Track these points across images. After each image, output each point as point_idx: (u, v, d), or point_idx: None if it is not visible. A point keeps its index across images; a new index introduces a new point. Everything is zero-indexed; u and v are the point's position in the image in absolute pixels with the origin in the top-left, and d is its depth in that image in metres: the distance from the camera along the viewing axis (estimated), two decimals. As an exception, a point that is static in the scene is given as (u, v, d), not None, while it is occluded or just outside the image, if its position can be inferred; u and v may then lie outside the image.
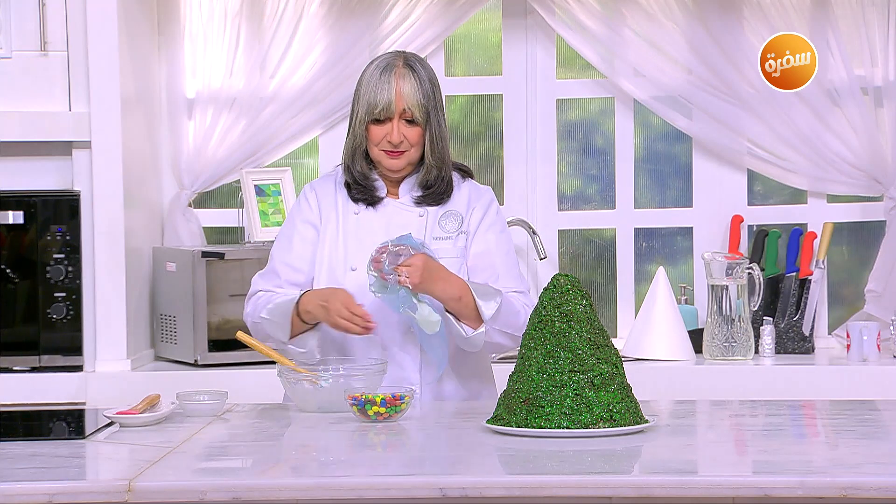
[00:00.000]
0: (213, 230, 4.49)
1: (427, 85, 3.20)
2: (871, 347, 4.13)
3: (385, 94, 3.17)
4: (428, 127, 3.19)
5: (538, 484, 2.43)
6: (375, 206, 3.25)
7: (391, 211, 3.25)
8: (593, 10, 4.37)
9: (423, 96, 3.18)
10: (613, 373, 2.80)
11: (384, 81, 3.17)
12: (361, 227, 3.23)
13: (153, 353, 4.30)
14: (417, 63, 3.22)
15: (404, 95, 3.17)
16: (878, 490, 2.36)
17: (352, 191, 3.26)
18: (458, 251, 3.24)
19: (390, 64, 3.19)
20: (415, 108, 3.17)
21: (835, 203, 4.45)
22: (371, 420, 2.95)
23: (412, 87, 3.17)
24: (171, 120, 4.41)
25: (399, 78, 3.17)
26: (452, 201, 3.26)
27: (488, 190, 3.32)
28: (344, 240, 3.24)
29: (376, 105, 3.17)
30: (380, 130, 3.19)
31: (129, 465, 2.62)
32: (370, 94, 3.18)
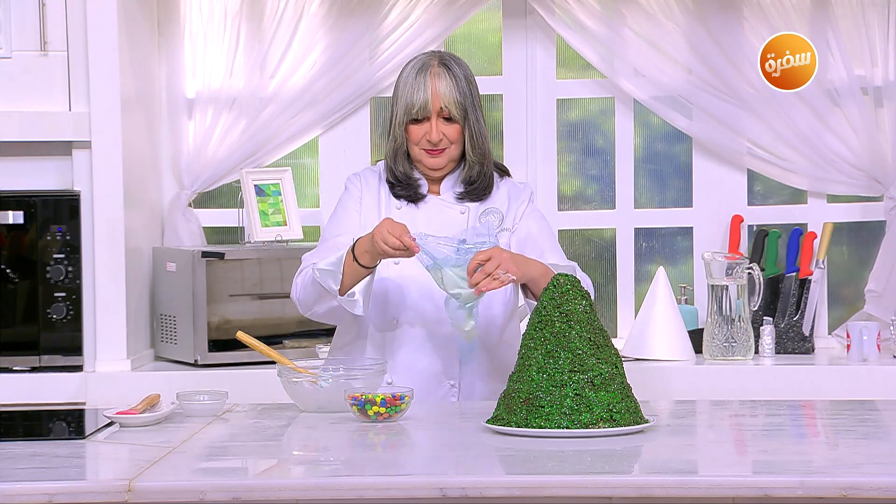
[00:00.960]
0: (213, 230, 4.49)
1: (463, 82, 3.26)
2: (871, 347, 4.14)
3: (421, 93, 3.23)
4: (466, 124, 3.26)
5: (538, 484, 2.43)
6: (417, 203, 3.30)
7: (432, 207, 3.30)
8: (593, 10, 4.37)
9: (460, 94, 3.24)
10: (613, 373, 2.80)
11: (420, 81, 3.23)
12: (404, 221, 3.22)
13: (153, 353, 4.30)
14: (452, 61, 3.28)
15: (440, 94, 3.23)
16: (878, 490, 2.36)
17: (395, 188, 3.31)
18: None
19: (426, 64, 3.26)
20: (451, 105, 3.23)
21: (835, 203, 4.45)
22: (371, 420, 2.95)
23: (448, 86, 3.23)
24: (171, 120, 4.41)
25: (434, 77, 3.23)
26: (492, 198, 3.31)
27: (527, 186, 3.40)
28: None
29: (413, 105, 3.23)
30: (419, 130, 3.25)
31: (129, 465, 2.62)
32: (407, 94, 3.24)
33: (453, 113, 3.23)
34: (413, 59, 3.31)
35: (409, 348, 3.26)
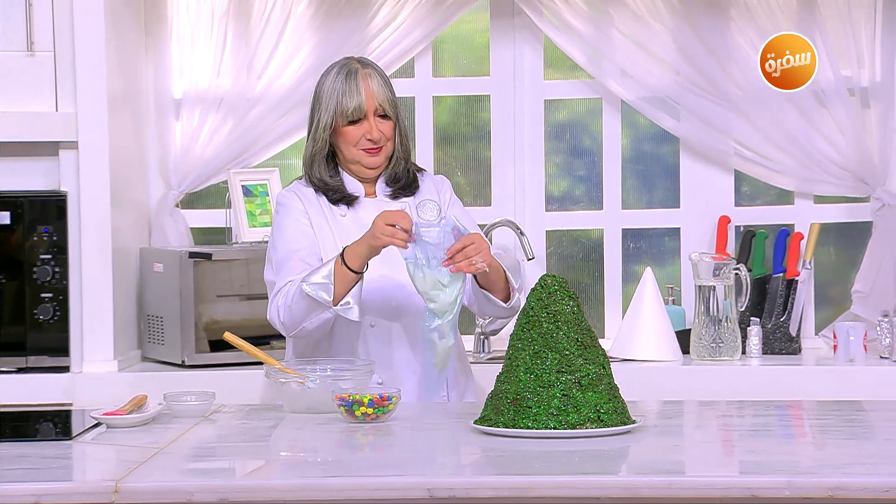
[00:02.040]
0: (200, 231, 4.48)
1: (388, 82, 3.37)
2: (858, 348, 4.14)
3: (355, 95, 3.31)
4: (398, 121, 3.35)
5: (526, 484, 2.43)
6: (354, 206, 3.34)
7: (373, 208, 3.32)
8: (580, 10, 4.37)
9: (389, 92, 3.35)
10: (601, 373, 2.80)
11: (351, 84, 3.31)
12: (353, 226, 3.30)
13: (140, 354, 4.29)
14: (373, 63, 3.39)
15: (375, 94, 3.32)
16: (865, 490, 2.36)
17: (327, 194, 3.35)
18: None
19: (351, 68, 3.35)
20: (385, 104, 3.32)
21: (822, 204, 4.46)
22: (359, 421, 2.95)
23: (379, 85, 3.33)
24: (159, 120, 4.40)
25: (365, 78, 3.32)
26: (422, 191, 3.39)
27: (443, 177, 3.49)
28: (343, 240, 3.28)
29: (347, 107, 3.30)
30: (356, 130, 3.32)
31: (116, 466, 2.62)
32: (338, 98, 3.31)
33: (387, 110, 3.32)
34: (331, 66, 3.39)
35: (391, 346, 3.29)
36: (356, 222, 3.31)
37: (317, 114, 3.35)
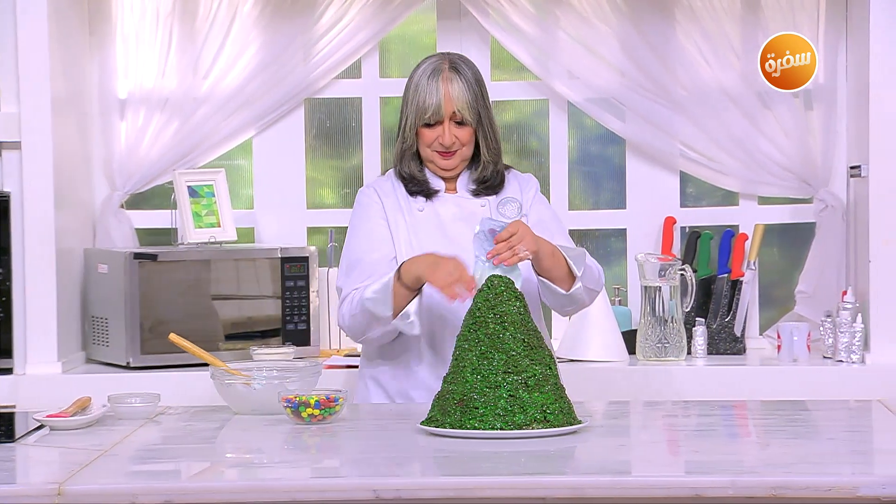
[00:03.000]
0: (145, 231, 4.46)
1: (474, 86, 3.31)
2: (802, 348, 4.18)
3: (434, 98, 3.27)
4: (480, 126, 3.32)
5: (472, 485, 2.44)
6: (433, 200, 3.35)
7: (452, 204, 3.34)
8: (526, 11, 4.38)
9: (472, 97, 3.30)
10: (547, 374, 2.81)
11: (432, 86, 3.28)
12: (429, 221, 3.32)
13: (85, 356, 4.27)
14: (463, 64, 3.32)
15: (453, 98, 3.28)
16: (806, 490, 2.39)
17: (408, 185, 3.35)
18: None
19: (437, 68, 3.29)
20: (464, 110, 3.29)
21: (766, 205, 4.49)
22: (305, 422, 2.94)
23: (460, 90, 3.28)
24: (103, 120, 4.37)
25: (446, 81, 3.28)
26: (506, 190, 3.38)
27: (531, 176, 3.46)
28: (416, 237, 3.30)
29: (426, 110, 3.28)
30: (431, 133, 3.30)
31: (60, 469, 2.60)
32: (419, 99, 3.28)
33: (466, 117, 3.28)
34: (424, 61, 3.33)
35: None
36: (434, 216, 3.33)
37: (405, 111, 3.32)
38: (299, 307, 4.22)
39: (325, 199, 4.60)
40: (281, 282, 4.22)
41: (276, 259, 4.23)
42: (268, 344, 4.13)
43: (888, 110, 4.07)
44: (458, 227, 3.31)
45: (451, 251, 3.20)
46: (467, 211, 3.33)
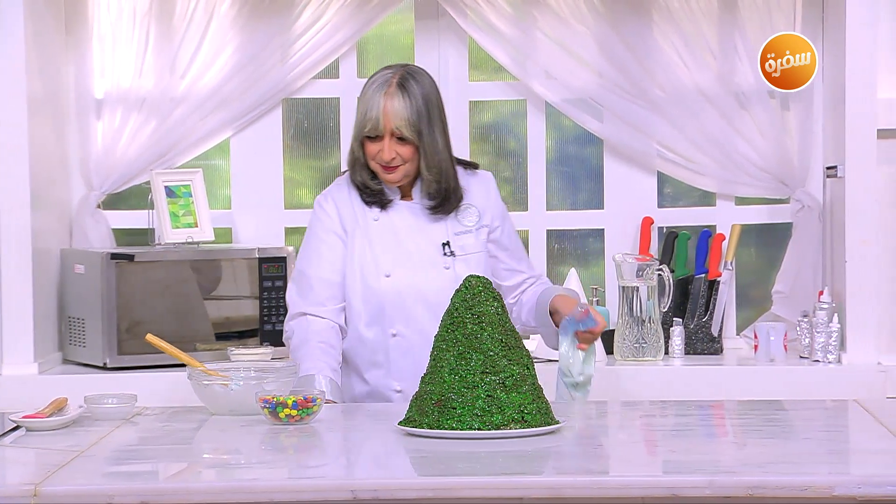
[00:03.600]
0: (122, 232, 4.44)
1: (420, 102, 3.27)
2: (778, 348, 4.19)
3: (374, 112, 3.26)
4: (421, 143, 3.27)
5: (450, 485, 2.44)
6: (389, 209, 3.35)
7: (408, 212, 3.35)
8: (504, 12, 4.39)
9: (414, 114, 3.26)
10: (525, 374, 2.81)
11: (375, 101, 3.26)
12: (385, 231, 3.33)
13: (61, 357, 4.25)
14: (413, 81, 3.29)
15: (391, 116, 3.25)
16: (783, 489, 2.39)
17: (362, 194, 3.35)
18: (481, 244, 3.38)
19: (385, 82, 3.27)
20: (403, 127, 3.26)
21: (743, 205, 4.50)
22: (282, 422, 2.93)
23: (401, 107, 3.25)
24: (80, 120, 4.36)
25: (388, 97, 3.26)
26: (466, 197, 3.38)
27: (490, 177, 3.45)
28: (371, 247, 3.32)
29: (365, 124, 3.27)
30: (373, 147, 3.29)
31: (36, 470, 2.59)
32: (362, 111, 3.28)
33: (405, 134, 3.25)
34: (379, 71, 3.32)
35: (413, 355, 3.29)
36: (389, 226, 3.33)
37: (356, 121, 3.32)
38: (277, 307, 4.21)
39: (303, 200, 4.59)
40: (259, 282, 4.22)
41: (254, 259, 4.23)
42: (245, 344, 4.13)
43: (864, 111, 4.09)
44: (413, 237, 3.33)
45: (407, 263, 3.24)
46: (422, 220, 3.35)
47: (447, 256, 3.32)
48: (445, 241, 3.32)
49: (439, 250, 3.32)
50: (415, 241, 3.32)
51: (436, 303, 3.23)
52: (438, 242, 3.33)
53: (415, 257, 3.30)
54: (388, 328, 3.30)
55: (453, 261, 3.33)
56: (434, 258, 3.32)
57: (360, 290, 3.31)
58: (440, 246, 3.33)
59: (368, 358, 3.32)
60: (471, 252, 3.34)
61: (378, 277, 3.30)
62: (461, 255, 3.33)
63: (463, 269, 3.31)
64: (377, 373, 3.31)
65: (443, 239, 3.32)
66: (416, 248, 3.32)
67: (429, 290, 3.27)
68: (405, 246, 3.31)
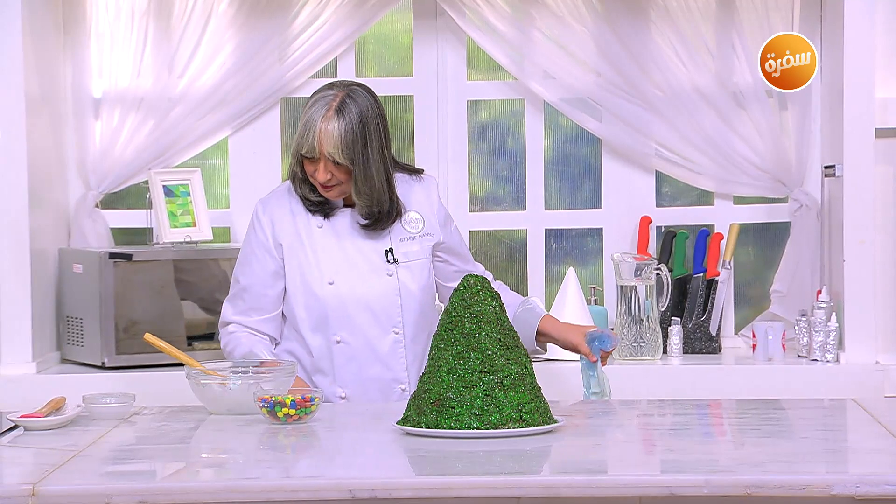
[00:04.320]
0: (120, 231, 4.44)
1: (356, 127, 3.25)
2: (777, 347, 4.19)
3: (311, 136, 3.25)
4: (354, 168, 3.26)
5: (447, 485, 2.44)
6: (331, 218, 3.35)
7: (351, 219, 3.34)
8: (503, 11, 4.39)
9: (349, 141, 3.24)
10: (523, 373, 2.81)
11: (311, 125, 3.25)
12: (328, 238, 3.33)
13: (59, 356, 4.25)
14: (352, 104, 3.25)
15: (325, 142, 3.24)
16: (780, 489, 2.39)
17: (305, 203, 3.35)
18: (425, 251, 3.38)
19: (325, 105, 3.25)
20: (336, 154, 3.25)
21: (741, 204, 4.50)
22: (280, 422, 2.93)
23: (336, 134, 3.24)
24: (78, 120, 4.36)
25: (325, 121, 3.24)
26: (409, 202, 3.39)
27: (432, 183, 3.45)
28: (314, 254, 3.33)
29: (302, 145, 3.26)
30: (310, 166, 3.29)
31: (34, 469, 2.59)
32: (301, 131, 3.27)
33: (338, 160, 3.24)
34: (321, 91, 3.30)
35: (357, 361, 3.32)
36: (332, 233, 3.34)
37: (295, 137, 3.30)
38: (275, 307, 4.20)
39: (301, 199, 4.59)
40: (257, 281, 4.21)
41: (252, 259, 4.22)
42: (243, 344, 4.12)
43: (862, 111, 4.09)
44: (356, 244, 3.34)
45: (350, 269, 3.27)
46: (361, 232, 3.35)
47: (390, 263, 3.34)
48: (388, 248, 3.33)
49: (382, 257, 3.34)
50: (358, 248, 3.33)
51: (379, 309, 3.29)
52: (381, 250, 3.34)
53: (358, 264, 3.32)
54: (331, 335, 3.31)
55: (396, 268, 3.34)
56: (377, 265, 3.33)
57: (303, 298, 3.32)
58: (383, 253, 3.34)
59: (314, 365, 3.34)
60: (414, 259, 3.36)
61: (322, 284, 3.31)
62: (404, 262, 3.35)
63: (406, 275, 3.34)
64: (323, 380, 3.33)
65: (386, 246, 3.34)
66: (358, 254, 3.33)
67: (372, 297, 3.29)
68: (348, 252, 3.32)
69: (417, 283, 3.35)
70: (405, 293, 3.33)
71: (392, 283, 3.32)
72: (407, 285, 3.33)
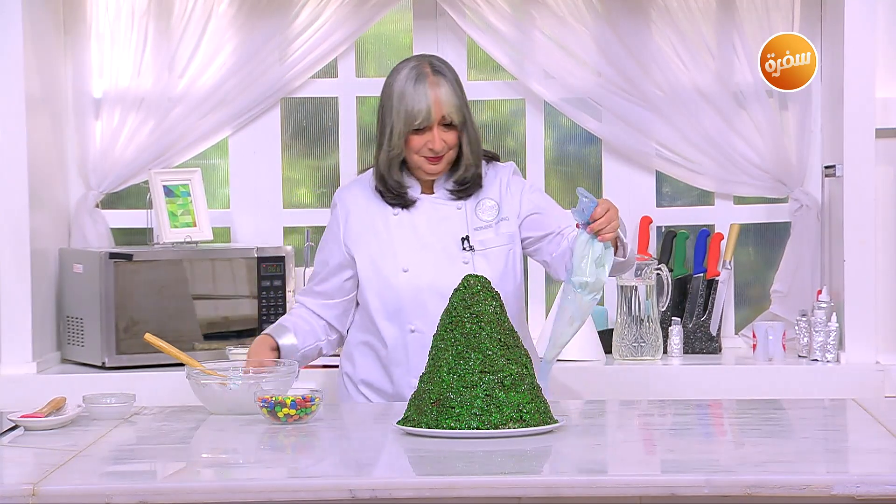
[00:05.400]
0: (121, 231, 4.44)
1: (458, 87, 3.28)
2: (777, 347, 4.19)
3: (423, 103, 3.22)
4: (465, 128, 3.27)
5: (448, 485, 2.44)
6: (410, 208, 3.33)
7: (429, 207, 3.32)
8: (503, 11, 4.39)
9: (458, 98, 3.26)
10: (523, 373, 2.81)
11: (420, 92, 3.23)
12: (404, 227, 3.31)
13: (59, 356, 4.25)
14: (444, 67, 3.28)
15: (443, 103, 3.23)
16: (781, 488, 2.39)
17: (385, 196, 3.32)
18: (504, 238, 3.32)
19: (420, 73, 3.24)
20: (453, 113, 3.24)
21: (741, 204, 4.51)
22: (281, 422, 2.93)
23: (447, 93, 3.24)
24: (78, 120, 4.36)
25: (434, 86, 3.23)
26: (484, 189, 3.35)
27: (510, 165, 3.41)
28: (389, 242, 3.30)
29: (415, 116, 3.23)
30: (419, 139, 3.25)
31: (34, 469, 2.59)
32: (407, 106, 3.23)
33: (455, 119, 3.24)
34: (401, 67, 3.29)
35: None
36: (408, 221, 3.31)
37: (389, 118, 3.26)
38: (275, 307, 4.21)
39: (302, 199, 4.60)
40: (257, 281, 4.22)
41: (253, 259, 4.23)
42: (244, 344, 4.12)
43: (862, 111, 4.09)
44: (433, 231, 3.30)
45: (425, 258, 3.22)
46: (441, 215, 3.32)
47: (466, 251, 3.30)
48: (465, 235, 3.29)
49: (458, 245, 3.30)
50: (434, 236, 3.29)
51: None
52: (458, 237, 3.30)
53: (434, 252, 3.27)
54: (406, 324, 3.28)
55: (472, 255, 3.29)
56: (453, 253, 3.29)
57: (377, 286, 3.29)
58: (459, 240, 3.30)
59: (388, 357, 3.30)
60: (490, 247, 3.31)
61: (396, 273, 3.28)
62: (480, 250, 3.30)
63: (482, 263, 3.29)
64: (397, 371, 3.30)
65: (462, 233, 3.30)
66: (435, 242, 3.29)
67: (446, 285, 3.13)
68: (424, 240, 3.29)
69: (494, 271, 3.28)
70: None
71: (468, 270, 3.26)
72: (483, 272, 3.26)
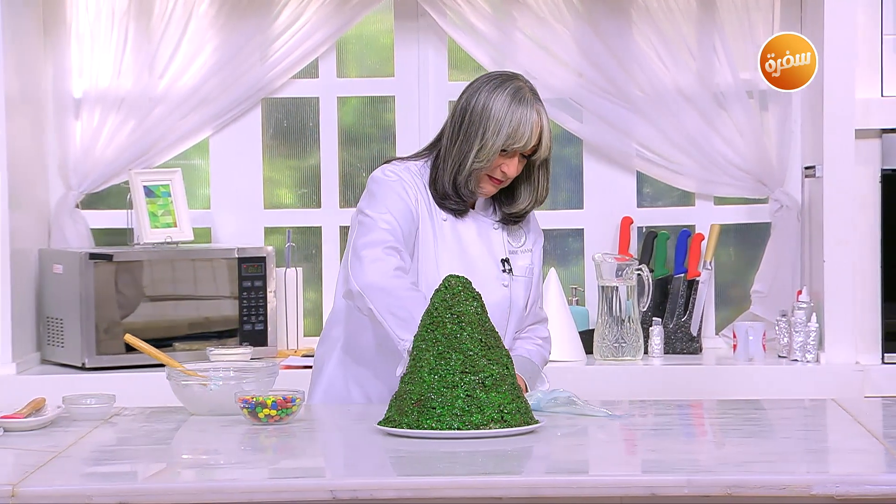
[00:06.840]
0: (101, 232, 4.43)
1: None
2: (757, 347, 4.20)
3: (528, 127, 3.03)
4: (545, 164, 3.11)
5: (429, 485, 2.43)
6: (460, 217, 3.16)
7: (473, 221, 3.17)
8: (484, 12, 4.39)
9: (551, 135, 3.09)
10: (504, 374, 2.81)
11: (526, 115, 3.03)
12: (450, 235, 3.15)
13: (39, 357, 4.24)
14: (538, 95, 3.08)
15: (544, 133, 3.05)
16: (761, 488, 2.40)
17: (446, 200, 3.13)
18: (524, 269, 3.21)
19: (523, 96, 3.05)
20: (546, 149, 3.08)
21: (722, 205, 4.52)
22: (262, 422, 2.93)
23: (548, 128, 3.07)
24: (58, 120, 4.35)
25: (539, 115, 3.05)
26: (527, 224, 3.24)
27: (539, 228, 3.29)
28: (436, 247, 3.14)
29: (520, 137, 3.03)
30: (502, 160, 3.07)
31: (14, 470, 2.58)
32: (511, 124, 3.03)
33: (544, 154, 3.08)
34: (493, 81, 3.07)
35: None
36: (454, 234, 3.15)
37: (487, 132, 3.03)
38: (256, 307, 4.20)
39: (283, 200, 4.59)
40: (238, 282, 4.21)
41: (233, 259, 4.22)
42: (224, 344, 4.12)
43: (842, 111, 4.10)
44: (477, 247, 3.17)
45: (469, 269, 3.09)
46: (485, 231, 3.19)
47: (506, 273, 3.18)
48: (505, 257, 3.17)
49: (499, 266, 3.18)
50: (478, 253, 3.16)
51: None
52: (498, 258, 3.18)
53: (475, 268, 3.13)
54: None
55: (511, 279, 3.18)
56: (493, 274, 3.17)
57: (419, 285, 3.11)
58: (500, 262, 3.19)
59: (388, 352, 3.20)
60: (522, 275, 3.20)
61: (437, 279, 3.02)
62: (518, 276, 3.19)
63: (517, 288, 3.18)
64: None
65: (502, 255, 3.18)
66: (478, 259, 3.16)
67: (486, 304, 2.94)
68: (468, 255, 3.15)
69: (523, 298, 3.20)
70: (514, 307, 3.18)
71: (505, 294, 3.17)
72: (517, 299, 3.18)
